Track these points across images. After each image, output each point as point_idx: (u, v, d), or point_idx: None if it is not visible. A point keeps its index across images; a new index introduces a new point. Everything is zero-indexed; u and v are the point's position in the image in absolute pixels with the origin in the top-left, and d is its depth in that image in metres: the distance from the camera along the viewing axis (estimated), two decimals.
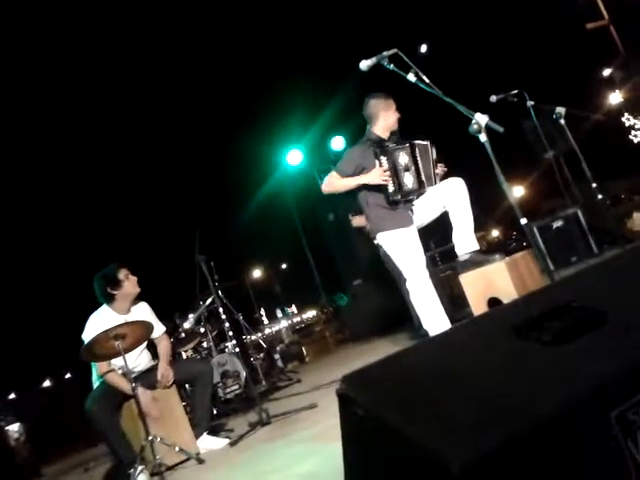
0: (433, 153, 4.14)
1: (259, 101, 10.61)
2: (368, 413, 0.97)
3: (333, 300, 11.44)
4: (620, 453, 0.92)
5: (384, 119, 4.15)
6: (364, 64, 3.43)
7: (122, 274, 4.10)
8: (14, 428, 6.69)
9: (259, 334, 8.51)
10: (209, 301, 6.32)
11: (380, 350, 5.67)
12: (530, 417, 0.89)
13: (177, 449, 3.66)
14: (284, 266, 30.19)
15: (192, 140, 12.31)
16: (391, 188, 3.93)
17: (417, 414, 0.93)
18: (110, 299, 4.08)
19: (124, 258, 4.46)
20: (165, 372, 4.06)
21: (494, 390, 0.97)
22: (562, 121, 5.45)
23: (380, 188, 3.97)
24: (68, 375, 18.63)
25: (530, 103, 5.47)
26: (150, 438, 3.47)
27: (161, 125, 12.05)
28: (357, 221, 6.02)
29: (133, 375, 3.73)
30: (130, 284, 4.11)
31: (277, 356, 8.19)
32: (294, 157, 9.56)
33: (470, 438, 0.86)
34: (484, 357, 1.07)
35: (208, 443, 4.05)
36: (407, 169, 3.96)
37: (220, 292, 6.26)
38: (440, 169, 4.18)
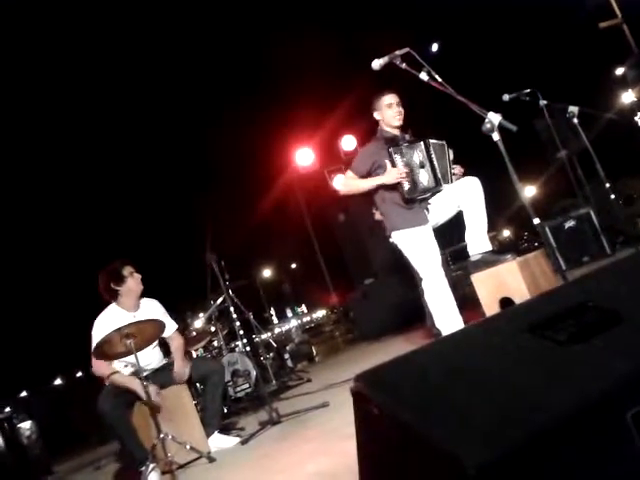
0: (450, 153, 4.13)
1: (271, 100, 10.62)
2: (383, 411, 0.97)
3: None
4: (636, 453, 0.92)
5: (380, 117, 4.15)
6: (376, 63, 3.43)
7: (126, 271, 4.11)
8: (26, 426, 6.73)
9: (269, 333, 8.53)
10: (220, 300, 6.34)
11: (391, 349, 5.66)
12: (546, 417, 0.89)
13: (188, 447, 3.68)
14: (294, 266, 30.21)
15: (203, 139, 12.34)
16: (407, 186, 3.92)
17: (433, 413, 0.92)
18: (114, 295, 4.10)
19: (135, 257, 4.49)
20: (180, 370, 4.08)
21: (510, 389, 0.97)
22: (575, 120, 5.42)
23: (396, 186, 3.96)
24: (79, 373, 18.76)
25: (543, 102, 5.45)
26: (162, 436, 3.49)
27: (173, 124, 12.10)
28: (379, 215, 6.01)
29: (145, 373, 3.75)
30: (133, 281, 4.12)
31: (287, 355, 8.20)
32: (304, 157, 9.58)
33: (486, 438, 0.85)
34: (499, 356, 1.06)
35: (219, 442, 4.07)
36: (422, 166, 3.95)
37: (230, 291, 6.27)
38: (458, 169, 4.16)
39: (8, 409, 10.55)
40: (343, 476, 2.14)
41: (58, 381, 21.34)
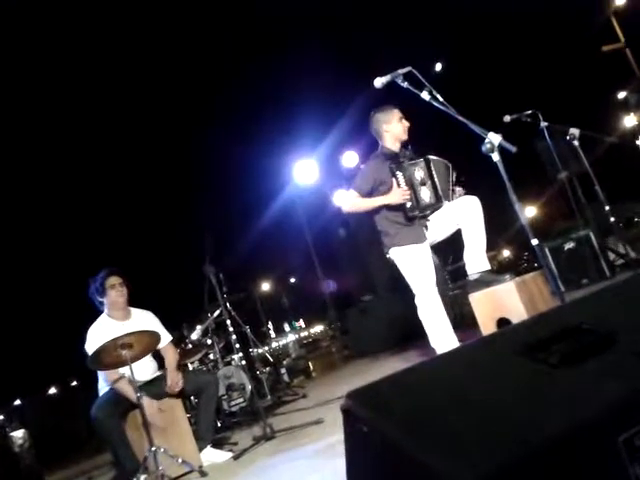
0: (453, 173, 4.15)
1: (274, 115, 10.69)
2: (373, 429, 0.97)
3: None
4: (627, 478, 0.91)
5: (387, 131, 4.15)
6: (378, 81, 3.45)
7: (109, 283, 4.10)
8: (19, 434, 6.67)
9: (266, 348, 8.49)
10: (217, 313, 6.32)
11: (387, 367, 5.64)
12: (536, 439, 0.88)
13: (180, 461, 3.64)
14: (293, 280, 30.16)
15: (207, 152, 12.40)
16: (409, 204, 3.93)
17: (422, 432, 0.92)
18: (99, 305, 4.12)
19: (133, 268, 4.50)
20: (174, 378, 4.06)
21: (501, 411, 0.96)
22: (576, 142, 5.44)
23: (398, 204, 3.98)
24: (74, 383, 18.66)
25: (544, 124, 5.47)
26: (154, 448, 3.46)
27: (177, 136, 12.16)
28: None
29: (138, 384, 3.74)
30: (115, 293, 4.11)
31: (283, 370, 8.16)
32: (306, 172, 9.60)
33: (475, 459, 0.85)
34: (492, 377, 1.06)
35: (211, 456, 4.04)
36: (423, 183, 3.97)
37: (228, 304, 6.25)
38: (458, 192, 4.17)
39: (1, 417, 10.49)
40: None
41: (53, 390, 21.21)
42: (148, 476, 3.53)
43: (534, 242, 3.17)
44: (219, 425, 5.46)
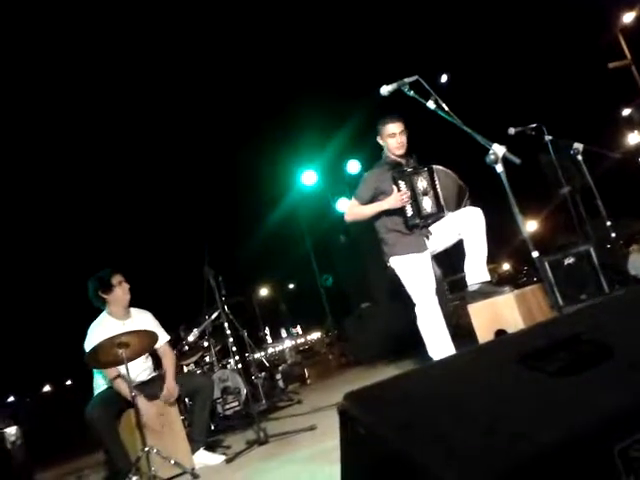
0: (457, 180, 4.16)
1: (275, 120, 10.71)
2: (369, 432, 0.96)
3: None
4: None
5: (383, 144, 4.18)
6: (385, 89, 3.46)
7: (115, 279, 4.13)
8: (11, 431, 6.65)
9: (262, 353, 8.47)
10: (214, 315, 6.31)
11: (384, 375, 5.54)
12: (531, 448, 0.88)
13: (172, 462, 3.63)
14: (292, 286, 30.13)
15: (206, 156, 12.42)
16: (410, 212, 3.94)
17: (419, 436, 0.92)
18: (102, 303, 4.12)
19: (131, 269, 4.51)
20: (171, 389, 4.05)
21: (495, 418, 0.96)
22: (579, 157, 5.45)
23: (399, 212, 3.98)
24: (69, 382, 18.65)
25: (548, 137, 5.48)
26: (146, 449, 3.45)
27: (175, 139, 12.19)
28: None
29: (134, 384, 3.73)
30: (121, 290, 4.14)
31: (279, 376, 8.14)
32: (308, 178, 9.61)
33: (471, 464, 0.85)
34: (488, 384, 1.06)
35: (204, 458, 4.03)
36: (425, 193, 3.97)
37: (226, 307, 6.25)
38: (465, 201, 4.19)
39: None
40: None
41: (47, 388, 21.19)
42: (140, 476, 3.52)
43: (534, 254, 3.17)
44: (213, 428, 5.45)
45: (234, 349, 6.31)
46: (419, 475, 0.87)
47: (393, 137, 4.11)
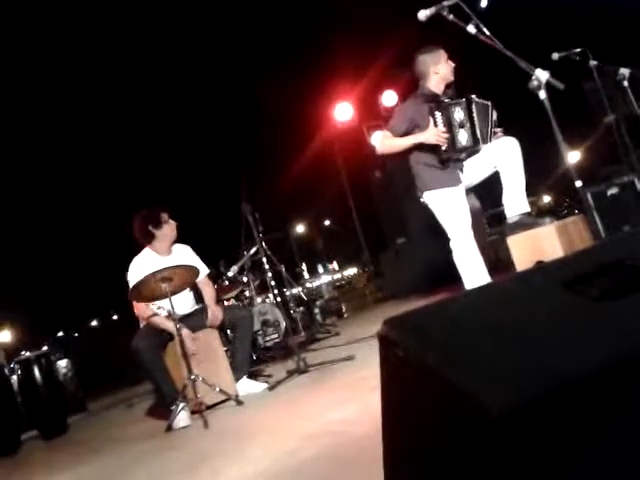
0: (493, 115, 4.03)
1: (312, 53, 10.42)
2: (408, 354, 0.98)
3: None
4: None
5: (435, 72, 4.02)
6: (422, 14, 3.33)
7: (164, 217, 4.24)
8: (62, 363, 6.99)
9: (300, 288, 8.60)
10: (253, 251, 6.41)
11: None
12: (576, 369, 0.88)
13: (217, 389, 3.79)
14: (328, 222, 30.17)
15: (242, 89, 12.26)
16: (444, 145, 3.86)
17: (459, 357, 0.93)
18: (149, 238, 4.22)
19: (172, 204, 4.58)
20: (215, 311, 4.20)
21: (539, 341, 0.96)
22: (625, 83, 5.20)
23: (433, 146, 3.90)
24: (115, 316, 19.40)
25: (593, 62, 5.22)
26: (192, 377, 3.60)
27: (212, 74, 12.02)
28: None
29: (178, 317, 3.86)
30: (169, 227, 4.27)
31: (316, 310, 8.30)
32: (343, 112, 9.45)
33: (512, 384, 0.85)
34: (530, 308, 1.05)
35: (247, 386, 4.18)
36: (462, 125, 3.86)
37: (264, 243, 6.33)
38: (499, 132, 4.07)
39: (46, 347, 11.02)
40: (367, 424, 2.18)
41: (94, 323, 22.10)
42: (187, 403, 3.70)
43: (578, 184, 3.09)
44: (254, 358, 5.63)
45: (272, 284, 6.43)
46: (459, 397, 0.89)
47: (447, 61, 4.00)
